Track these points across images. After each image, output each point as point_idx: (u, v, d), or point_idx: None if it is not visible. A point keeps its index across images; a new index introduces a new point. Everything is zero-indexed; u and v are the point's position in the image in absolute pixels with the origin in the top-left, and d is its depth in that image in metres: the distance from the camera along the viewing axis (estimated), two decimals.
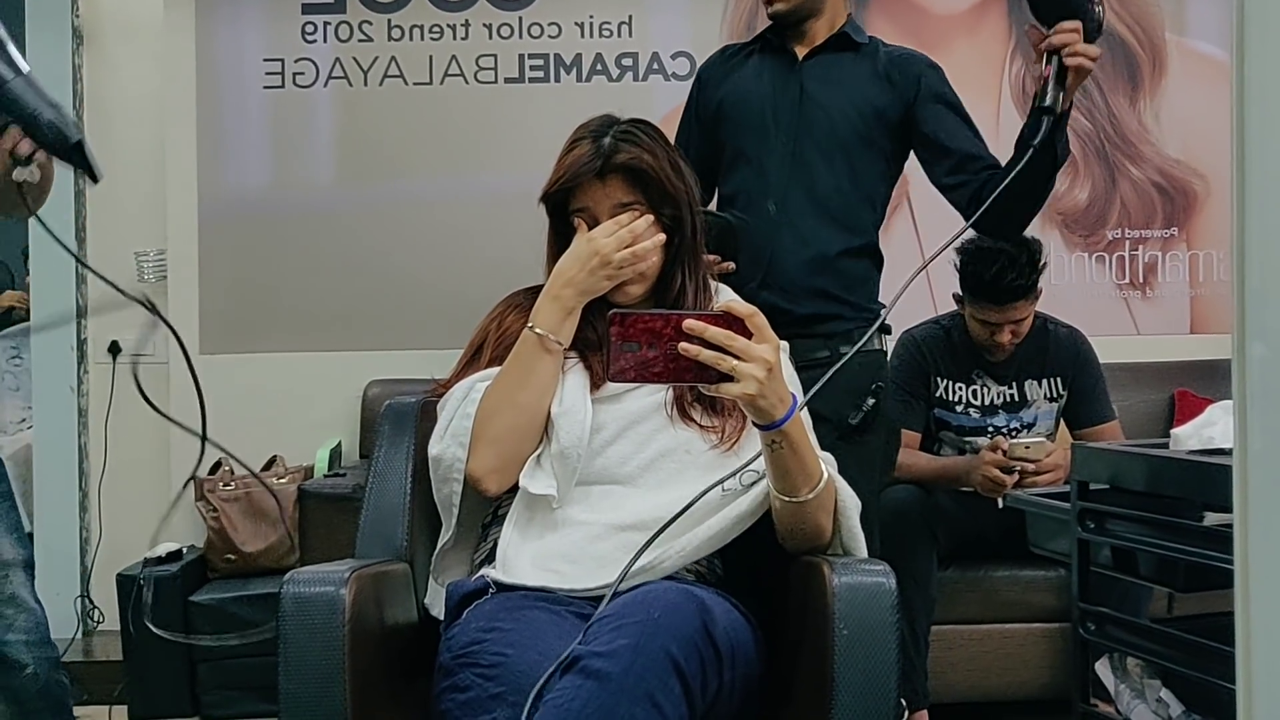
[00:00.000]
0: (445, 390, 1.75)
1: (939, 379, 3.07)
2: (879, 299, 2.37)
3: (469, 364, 1.77)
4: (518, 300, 1.82)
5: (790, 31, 2.33)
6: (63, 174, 3.86)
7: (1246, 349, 0.90)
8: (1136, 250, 3.89)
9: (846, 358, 1.69)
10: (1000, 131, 3.85)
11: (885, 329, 2.35)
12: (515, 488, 1.68)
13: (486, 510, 1.76)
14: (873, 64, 2.32)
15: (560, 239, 1.76)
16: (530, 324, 1.68)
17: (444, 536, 1.74)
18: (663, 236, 1.71)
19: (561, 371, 1.71)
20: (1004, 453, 2.87)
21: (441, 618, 1.68)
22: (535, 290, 1.80)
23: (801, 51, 2.33)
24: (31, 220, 3.86)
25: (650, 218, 1.71)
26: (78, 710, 3.27)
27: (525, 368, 1.67)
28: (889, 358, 3.08)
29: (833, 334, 2.22)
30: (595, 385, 1.71)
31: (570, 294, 1.68)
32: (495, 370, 1.70)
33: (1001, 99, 3.87)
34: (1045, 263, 2.95)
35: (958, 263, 2.95)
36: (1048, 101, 1.93)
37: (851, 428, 2.15)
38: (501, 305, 1.84)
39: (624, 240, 1.67)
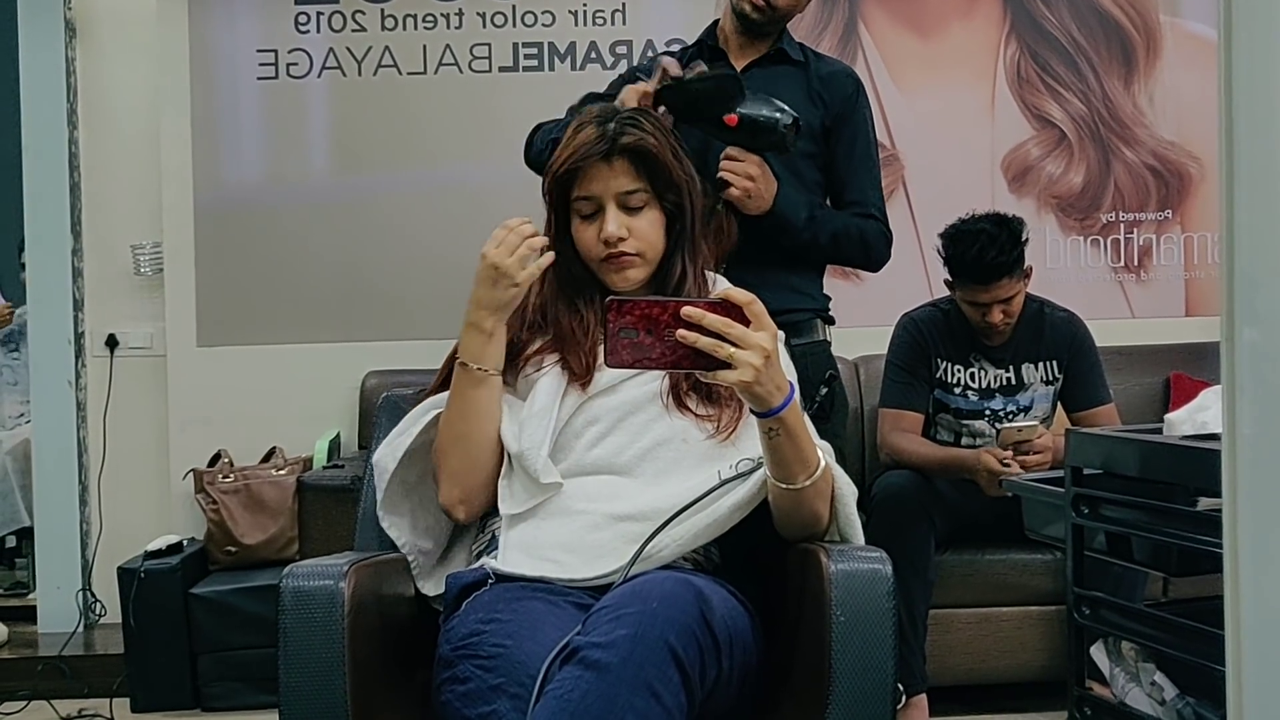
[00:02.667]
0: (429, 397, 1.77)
1: (939, 360, 3.08)
2: (824, 291, 2.46)
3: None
4: None
5: (744, 39, 2.40)
6: (57, 166, 3.88)
7: (1236, 334, 0.90)
8: (1131, 233, 3.89)
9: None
10: (995, 115, 3.87)
11: (829, 320, 2.44)
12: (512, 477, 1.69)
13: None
14: (805, 78, 2.40)
15: (560, 229, 1.77)
16: (458, 357, 1.69)
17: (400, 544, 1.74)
18: (533, 229, 1.69)
19: (538, 372, 1.72)
20: (998, 431, 2.90)
21: (434, 594, 1.71)
22: None
23: (740, 63, 2.39)
24: (27, 212, 3.89)
25: (529, 220, 1.70)
26: (81, 703, 3.30)
27: (461, 400, 1.68)
28: (889, 340, 3.13)
29: (781, 325, 2.25)
30: (579, 380, 1.71)
31: (484, 315, 1.67)
32: (446, 396, 1.71)
33: (996, 82, 3.87)
34: (1027, 239, 2.97)
35: (941, 248, 2.98)
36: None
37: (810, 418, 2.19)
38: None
39: (511, 244, 1.65)
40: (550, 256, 1.68)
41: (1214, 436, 1.96)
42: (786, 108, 2.08)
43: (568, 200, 1.75)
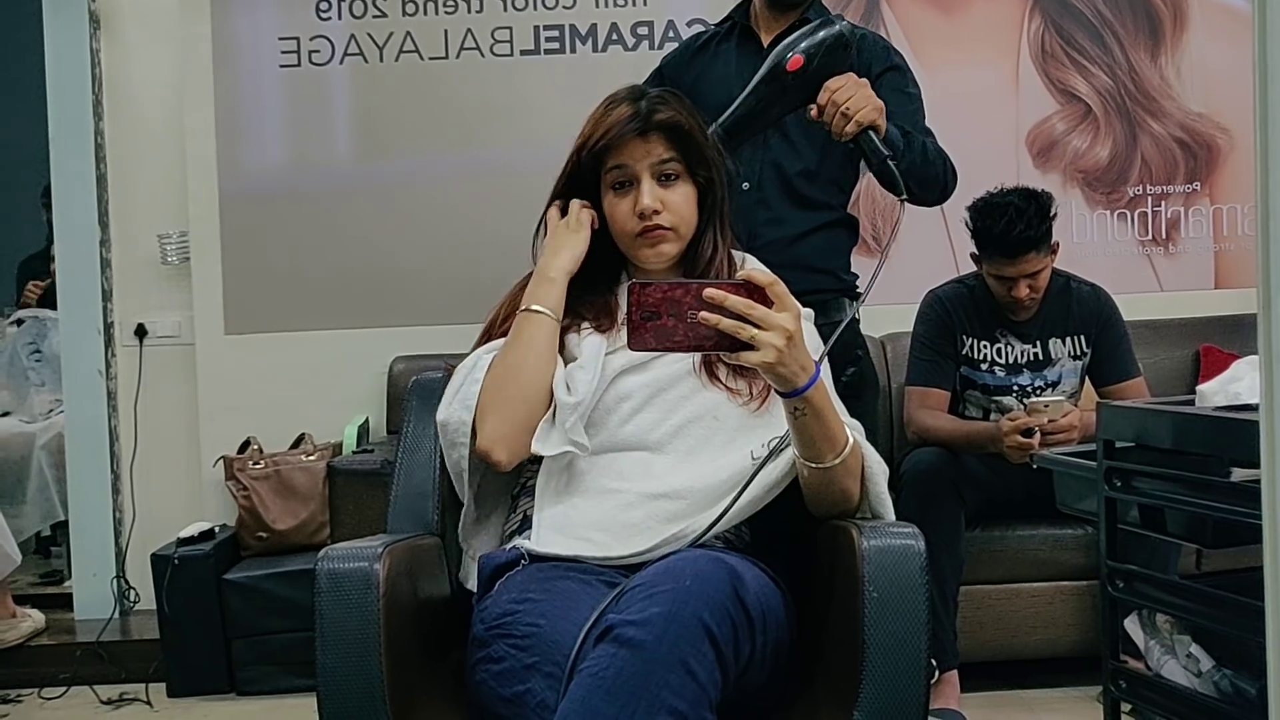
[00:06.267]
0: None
1: (965, 337, 3.07)
2: (853, 269, 2.44)
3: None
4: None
5: (771, 13, 2.38)
6: (83, 157, 3.90)
7: (1272, 305, 0.90)
8: (1159, 206, 3.86)
9: (834, 338, 1.67)
10: (1020, 90, 3.84)
11: (857, 298, 2.41)
12: (538, 461, 1.69)
13: (516, 481, 1.77)
14: None
15: (588, 195, 1.78)
16: (524, 305, 1.71)
17: (465, 507, 1.75)
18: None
19: (578, 335, 1.73)
20: (1025, 407, 2.89)
21: (474, 589, 1.70)
22: None
23: (767, 38, 2.37)
24: (55, 204, 3.91)
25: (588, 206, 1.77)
26: (118, 688, 3.34)
27: (520, 339, 1.69)
28: (915, 318, 3.12)
29: (810, 305, 2.25)
30: (615, 350, 1.72)
31: (549, 263, 1.74)
32: (501, 342, 1.72)
33: (1020, 57, 3.84)
34: (1055, 213, 2.96)
35: (969, 220, 2.97)
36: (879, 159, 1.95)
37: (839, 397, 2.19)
38: (516, 288, 1.84)
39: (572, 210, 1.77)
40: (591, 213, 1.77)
41: (1248, 407, 1.94)
42: (822, 21, 1.98)
43: (598, 175, 1.75)
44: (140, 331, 3.85)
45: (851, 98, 1.92)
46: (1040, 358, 3.07)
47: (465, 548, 1.77)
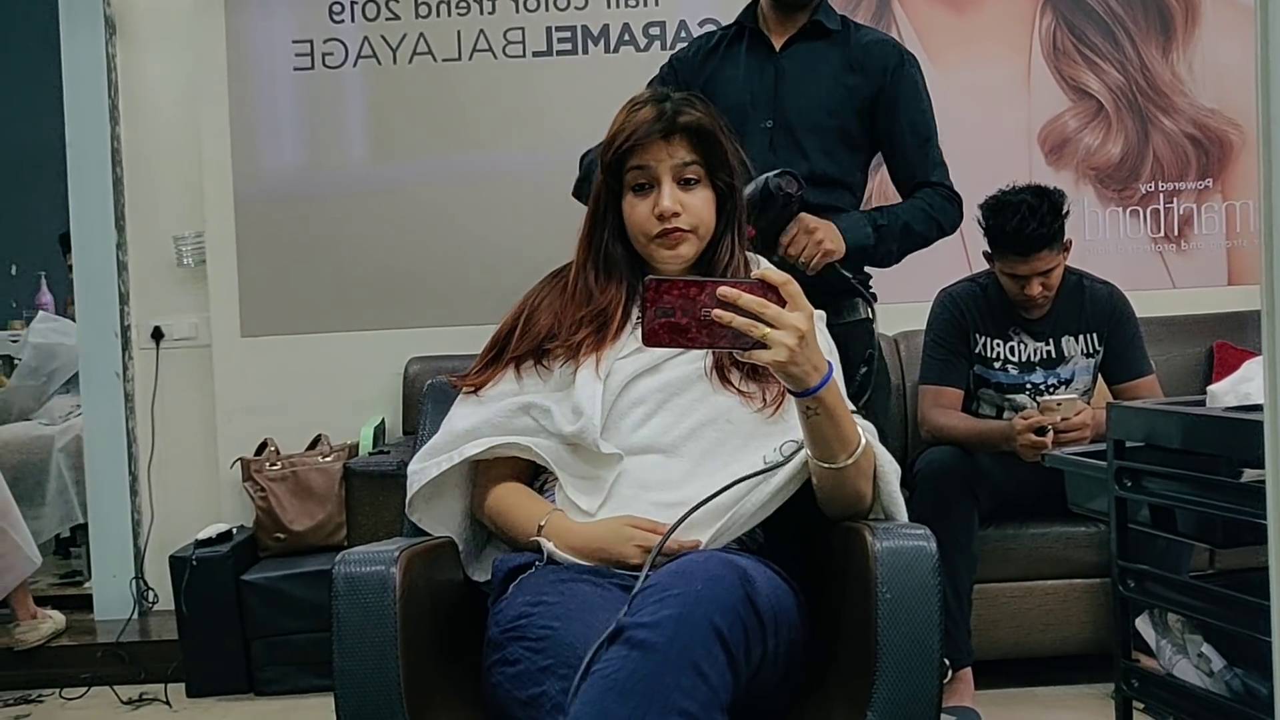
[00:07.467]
0: (466, 382, 1.79)
1: (978, 335, 3.07)
2: (865, 269, 2.46)
3: (492, 361, 1.79)
4: (543, 293, 1.83)
5: (779, 15, 2.41)
6: (100, 161, 3.92)
7: (1276, 308, 0.90)
8: (1171, 203, 3.86)
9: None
10: (1031, 88, 3.84)
11: (871, 299, 2.41)
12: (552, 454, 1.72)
13: (533, 486, 1.79)
14: (845, 51, 2.41)
15: (611, 196, 1.78)
16: (543, 531, 1.66)
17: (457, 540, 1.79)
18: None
19: (576, 363, 1.73)
20: (1038, 405, 2.89)
21: (483, 579, 1.74)
22: (560, 275, 1.83)
23: (778, 40, 2.38)
24: (72, 208, 3.94)
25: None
26: (138, 688, 3.37)
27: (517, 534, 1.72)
28: (927, 316, 3.13)
29: (822, 307, 2.27)
30: (609, 349, 1.73)
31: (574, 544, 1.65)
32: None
33: (1032, 54, 3.84)
34: (1068, 211, 2.95)
35: (981, 219, 2.97)
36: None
37: (850, 397, 2.20)
38: (532, 295, 1.84)
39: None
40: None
41: (1258, 408, 1.94)
42: (767, 174, 2.09)
43: (620, 174, 1.76)
44: (157, 334, 3.88)
45: (803, 250, 2.14)
46: (1053, 355, 3.07)
47: (469, 570, 1.79)
